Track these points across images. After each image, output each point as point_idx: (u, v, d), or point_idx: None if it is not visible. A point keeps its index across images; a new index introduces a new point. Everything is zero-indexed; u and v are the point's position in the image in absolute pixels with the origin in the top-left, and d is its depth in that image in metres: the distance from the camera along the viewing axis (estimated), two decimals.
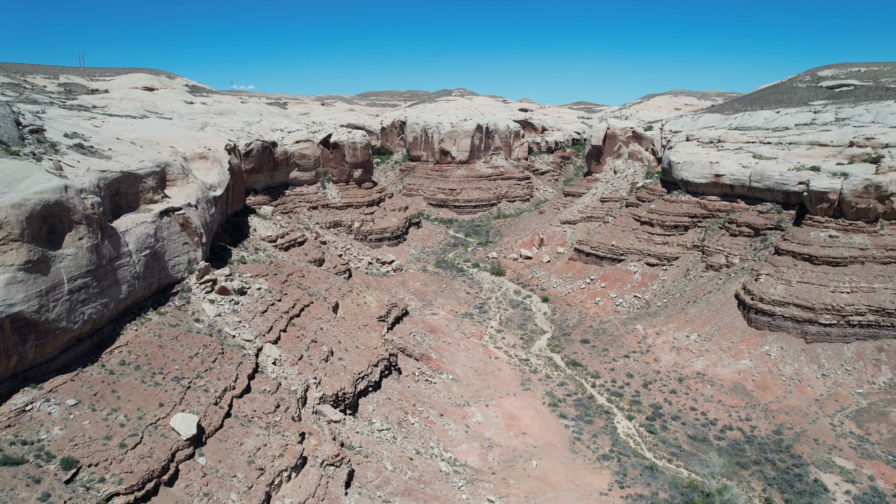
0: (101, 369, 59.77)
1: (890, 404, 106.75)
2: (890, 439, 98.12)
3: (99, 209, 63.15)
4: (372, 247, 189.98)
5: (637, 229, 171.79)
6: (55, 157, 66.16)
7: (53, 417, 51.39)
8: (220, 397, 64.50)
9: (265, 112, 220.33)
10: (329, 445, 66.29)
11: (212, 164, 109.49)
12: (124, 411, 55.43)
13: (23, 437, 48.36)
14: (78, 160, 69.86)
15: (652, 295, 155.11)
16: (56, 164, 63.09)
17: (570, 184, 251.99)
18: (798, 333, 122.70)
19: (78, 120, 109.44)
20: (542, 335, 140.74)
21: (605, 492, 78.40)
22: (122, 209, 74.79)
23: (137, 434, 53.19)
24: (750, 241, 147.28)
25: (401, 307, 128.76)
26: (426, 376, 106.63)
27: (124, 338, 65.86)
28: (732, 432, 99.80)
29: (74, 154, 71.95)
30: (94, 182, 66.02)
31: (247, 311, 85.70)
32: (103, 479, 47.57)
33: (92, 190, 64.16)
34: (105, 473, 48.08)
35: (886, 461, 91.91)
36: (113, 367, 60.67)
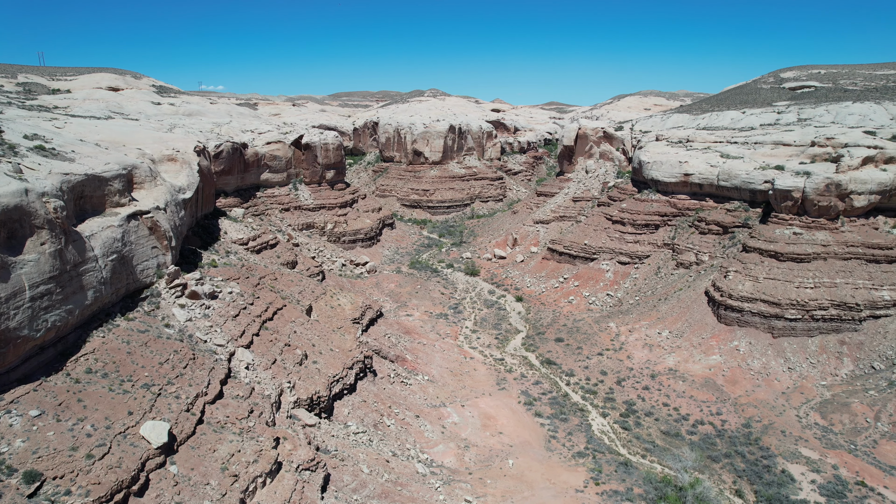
0: (66, 378, 57.95)
1: (851, 395, 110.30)
2: (852, 429, 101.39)
3: (62, 213, 61.26)
4: (345, 248, 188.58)
5: (609, 228, 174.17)
6: (14, 159, 63.95)
7: (15, 429, 49.60)
8: (191, 404, 63.16)
9: (235, 113, 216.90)
10: (304, 450, 65.50)
11: (181, 166, 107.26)
12: (91, 421, 53.84)
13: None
14: (39, 163, 67.66)
15: (624, 293, 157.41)
16: (15, 167, 61.00)
17: (542, 184, 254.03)
18: (765, 328, 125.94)
19: (38, 121, 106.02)
20: (516, 334, 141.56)
21: (580, 489, 79.18)
22: (87, 213, 72.66)
23: (105, 444, 51.69)
24: (718, 239, 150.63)
25: (375, 309, 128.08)
26: (401, 378, 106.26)
27: (91, 345, 63.98)
28: (704, 427, 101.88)
29: (35, 156, 69.65)
30: (56, 185, 64.01)
31: (218, 316, 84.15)
32: (69, 491, 46.12)
33: (54, 193, 62.20)
34: (71, 486, 46.62)
35: (849, 450, 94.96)
36: (79, 376, 58.90)
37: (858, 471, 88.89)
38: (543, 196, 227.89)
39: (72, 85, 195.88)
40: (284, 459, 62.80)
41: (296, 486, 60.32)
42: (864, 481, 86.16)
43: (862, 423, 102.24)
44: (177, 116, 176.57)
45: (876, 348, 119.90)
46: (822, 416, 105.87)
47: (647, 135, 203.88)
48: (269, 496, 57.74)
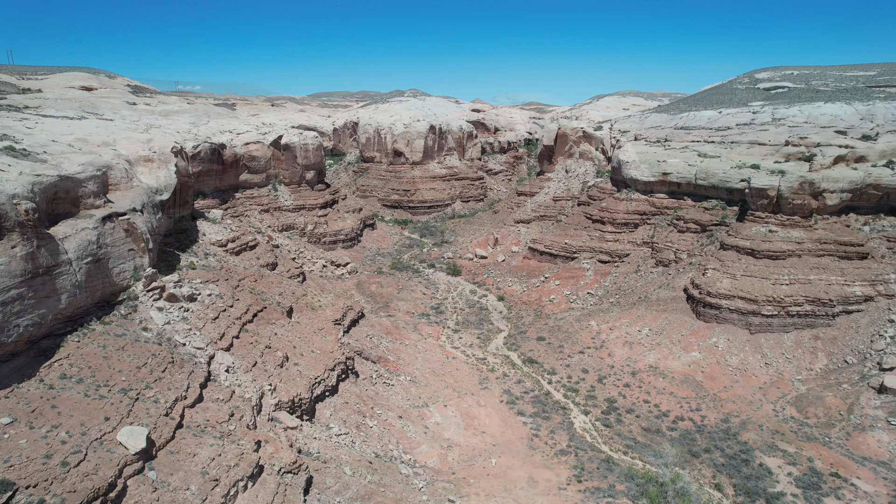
0: (39, 384, 56.63)
1: (826, 389, 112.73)
2: (826, 422, 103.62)
3: (34, 215, 59.86)
4: (326, 249, 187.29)
5: (589, 227, 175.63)
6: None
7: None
8: (170, 408, 62.16)
9: (213, 113, 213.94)
10: (286, 452, 64.89)
11: (157, 167, 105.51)
12: (66, 427, 52.68)
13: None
14: (9, 164, 66.00)
15: (605, 291, 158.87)
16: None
17: (523, 183, 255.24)
18: (743, 325, 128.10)
19: (8, 121, 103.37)
20: (498, 334, 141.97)
21: (563, 486, 79.68)
22: (60, 215, 71.10)
23: (81, 451, 50.61)
24: (697, 237, 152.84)
25: (356, 310, 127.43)
26: (384, 379, 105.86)
27: (65, 350, 62.61)
28: (684, 423, 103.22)
29: (5, 157, 67.94)
30: (27, 187, 62.50)
31: (197, 318, 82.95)
32: (43, 500, 45.06)
33: (26, 195, 60.72)
34: (45, 494, 45.55)
35: (823, 443, 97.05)
36: (52, 382, 57.60)
37: (833, 462, 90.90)
38: (524, 196, 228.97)
39: (43, 84, 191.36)
40: (266, 462, 62.12)
41: (277, 489, 59.71)
42: (838, 472, 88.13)
43: (836, 416, 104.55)
44: (153, 116, 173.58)
45: (848, 343, 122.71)
46: (798, 410, 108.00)
47: (626, 134, 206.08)
48: (250, 500, 57.06)
